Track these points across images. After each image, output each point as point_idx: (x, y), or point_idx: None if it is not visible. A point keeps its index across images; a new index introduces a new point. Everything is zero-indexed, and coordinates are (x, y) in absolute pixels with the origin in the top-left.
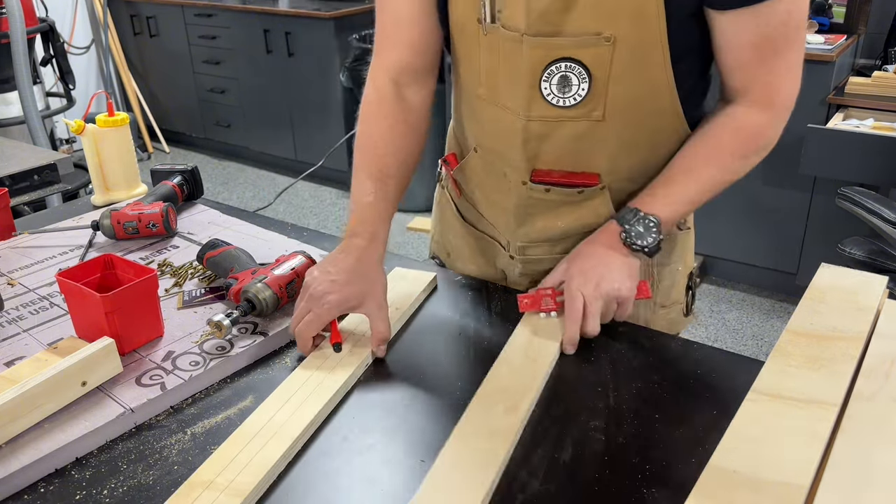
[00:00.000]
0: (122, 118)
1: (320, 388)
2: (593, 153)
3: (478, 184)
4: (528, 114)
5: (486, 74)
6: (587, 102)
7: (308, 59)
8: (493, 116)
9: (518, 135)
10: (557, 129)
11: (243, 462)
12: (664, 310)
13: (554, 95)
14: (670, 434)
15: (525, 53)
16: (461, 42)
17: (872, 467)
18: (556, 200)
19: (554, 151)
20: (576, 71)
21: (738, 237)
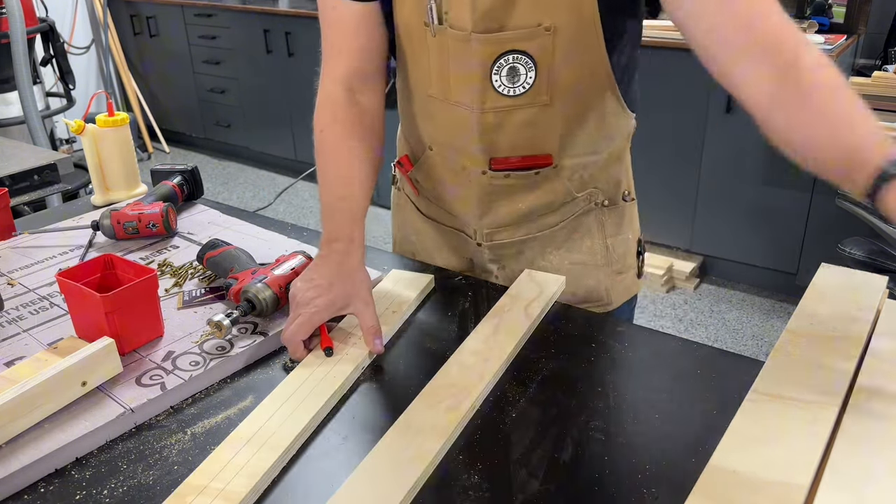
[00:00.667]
0: (122, 118)
1: (316, 392)
2: (544, 136)
3: (438, 180)
4: (482, 106)
5: (437, 74)
6: (534, 89)
7: (308, 59)
8: (447, 113)
9: (474, 127)
10: (509, 117)
11: (237, 467)
12: (620, 276)
13: (504, 86)
14: (670, 434)
15: (474, 50)
16: (409, 45)
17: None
18: (516, 185)
19: (508, 139)
20: (522, 61)
21: (738, 237)
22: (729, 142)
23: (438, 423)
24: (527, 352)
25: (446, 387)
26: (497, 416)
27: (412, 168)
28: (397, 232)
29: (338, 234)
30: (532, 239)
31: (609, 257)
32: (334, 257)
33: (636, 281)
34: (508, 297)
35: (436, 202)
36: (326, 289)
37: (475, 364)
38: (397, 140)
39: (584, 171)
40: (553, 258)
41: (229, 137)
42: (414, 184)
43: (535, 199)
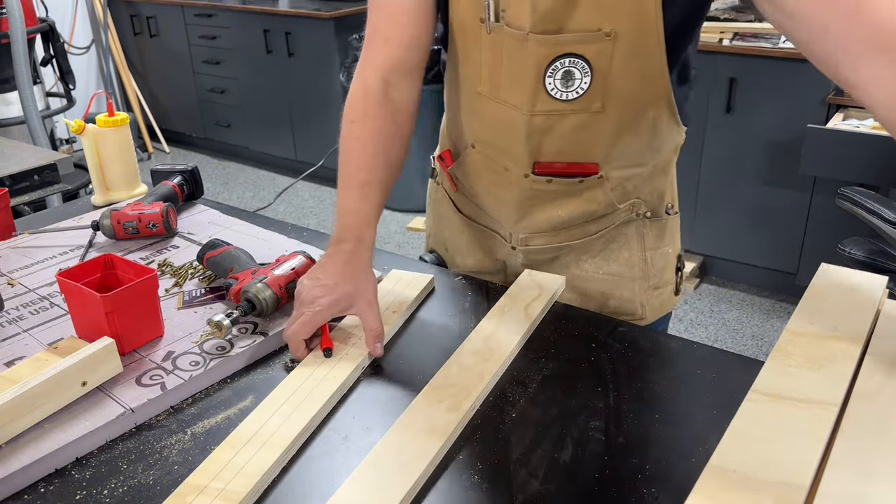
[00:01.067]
0: (122, 118)
1: (316, 392)
2: (592, 143)
3: (477, 179)
4: (532, 109)
5: (488, 72)
6: (588, 95)
7: (308, 59)
8: (495, 113)
9: (521, 129)
10: (559, 121)
11: (237, 467)
12: (657, 291)
13: (557, 90)
14: (670, 434)
15: (530, 50)
16: (462, 40)
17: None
18: (557, 191)
19: (555, 144)
20: (578, 66)
21: (738, 237)
22: (729, 142)
23: (438, 423)
24: (527, 352)
25: (446, 387)
26: (497, 416)
27: (453, 164)
28: (432, 226)
29: (347, 235)
30: (568, 247)
31: (647, 271)
32: (341, 257)
33: (673, 297)
34: (508, 297)
35: (473, 201)
36: (331, 288)
37: (475, 364)
38: (440, 134)
39: (628, 182)
40: (588, 267)
41: (229, 137)
42: (453, 180)
43: (576, 207)
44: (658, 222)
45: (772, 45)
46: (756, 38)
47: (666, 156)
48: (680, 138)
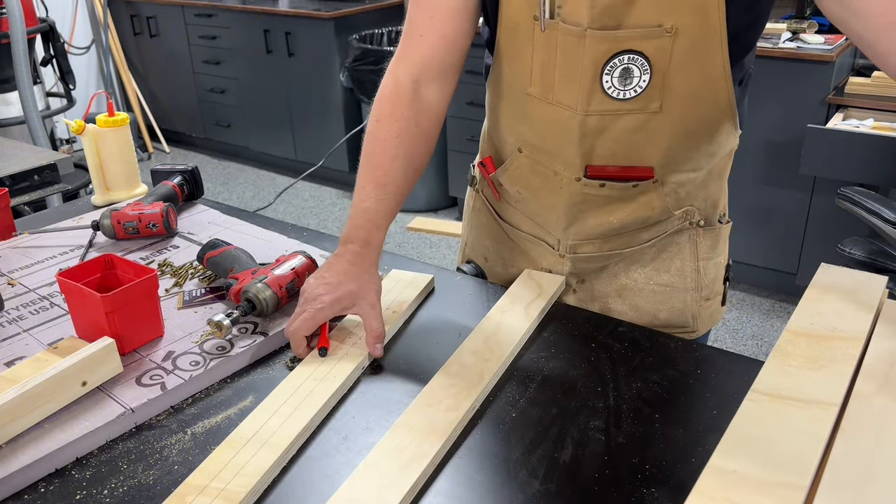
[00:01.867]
0: (122, 118)
1: (316, 392)
2: (648, 146)
3: (524, 185)
4: (586, 108)
5: (540, 72)
6: (646, 94)
7: (308, 59)
8: (546, 114)
9: (574, 131)
10: (614, 122)
11: (237, 467)
12: (708, 302)
13: (615, 88)
14: (670, 434)
15: (588, 47)
16: (511, 40)
17: (872, 467)
18: (610, 196)
19: (609, 146)
20: (638, 63)
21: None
22: None
23: (438, 423)
24: (527, 352)
25: (446, 387)
26: (497, 416)
27: (495, 171)
28: (470, 235)
29: (355, 235)
30: (618, 255)
31: (699, 281)
32: (347, 257)
33: (720, 308)
34: (508, 297)
35: (518, 208)
36: (334, 287)
37: (475, 364)
38: (481, 140)
39: (681, 189)
40: (638, 277)
41: (229, 137)
42: (495, 187)
43: (629, 213)
44: (711, 231)
45: (772, 46)
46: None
47: (721, 161)
48: (735, 142)
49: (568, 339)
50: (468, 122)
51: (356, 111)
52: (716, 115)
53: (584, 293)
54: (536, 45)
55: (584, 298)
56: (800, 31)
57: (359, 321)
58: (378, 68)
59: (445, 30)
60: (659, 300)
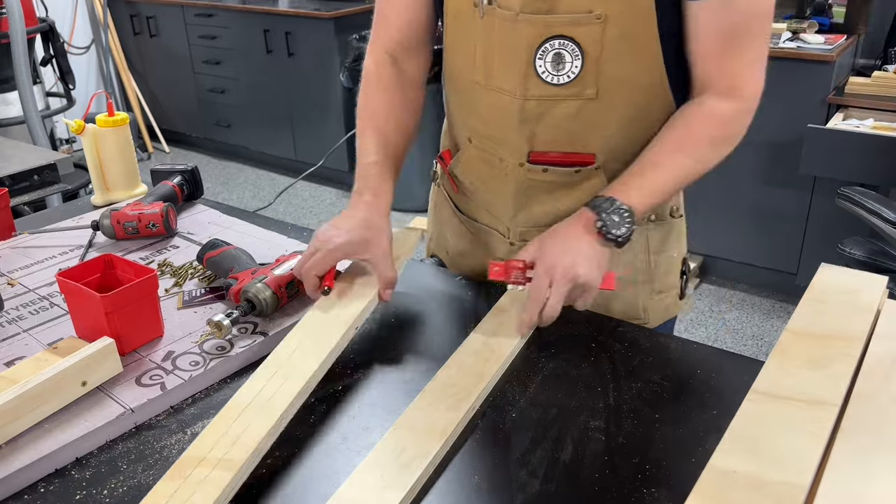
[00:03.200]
0: (122, 118)
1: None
2: (588, 133)
3: (475, 174)
4: (524, 93)
5: (482, 58)
6: (580, 80)
7: (308, 59)
8: (490, 101)
9: (515, 116)
10: (553, 108)
11: (235, 435)
12: (661, 295)
13: (548, 73)
14: (670, 434)
15: (521, 32)
16: (455, 29)
17: (872, 467)
18: (554, 182)
19: (550, 132)
20: (569, 48)
21: (738, 237)
22: None
23: (438, 424)
24: (527, 352)
25: (446, 387)
26: (497, 416)
27: (451, 162)
28: (434, 230)
29: (365, 188)
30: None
31: (650, 275)
32: (361, 207)
33: (677, 302)
34: (508, 297)
35: (473, 198)
36: (347, 231)
37: (475, 364)
38: (442, 136)
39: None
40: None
41: (229, 137)
42: (453, 180)
43: (573, 200)
44: (662, 225)
45: (772, 45)
46: None
47: None
48: None
49: (568, 339)
50: None
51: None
52: (653, 103)
53: None
54: (478, 33)
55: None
56: (800, 30)
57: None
58: None
59: (407, 15)
60: (611, 293)
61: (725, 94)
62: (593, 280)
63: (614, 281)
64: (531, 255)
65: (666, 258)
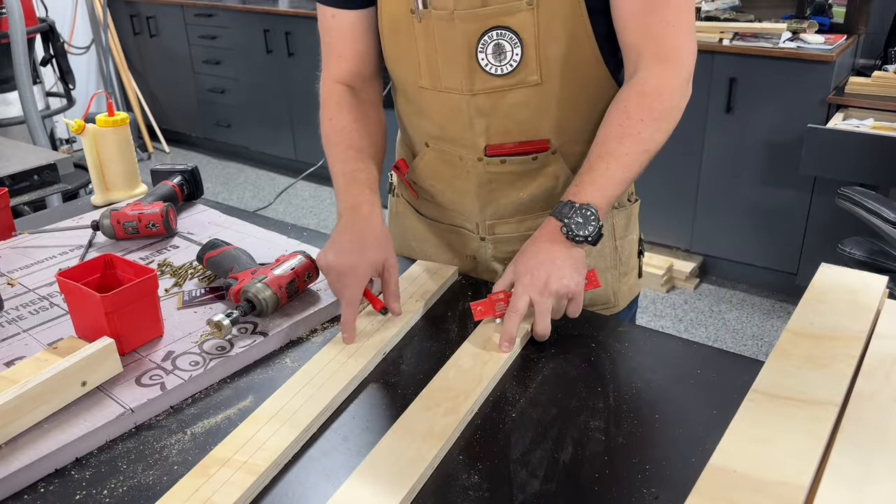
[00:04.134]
0: (122, 118)
1: (336, 377)
2: (539, 119)
3: (436, 177)
4: (471, 88)
5: (426, 63)
6: (522, 67)
7: (308, 59)
8: (439, 103)
9: (465, 112)
10: (501, 100)
11: (259, 442)
12: (625, 277)
13: (491, 64)
14: (670, 434)
15: (458, 28)
16: (395, 39)
17: (872, 467)
18: (514, 171)
19: (502, 123)
20: (507, 38)
21: (738, 237)
22: (728, 142)
23: (437, 427)
24: (527, 352)
25: (444, 390)
26: (497, 416)
27: (408, 170)
28: (396, 241)
29: (359, 199)
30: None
31: (617, 259)
32: (359, 222)
33: (637, 281)
34: None
35: (435, 201)
36: (361, 256)
37: (473, 367)
38: (396, 147)
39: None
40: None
41: (229, 137)
42: (412, 186)
43: (537, 186)
44: (624, 210)
45: (772, 45)
46: (756, 38)
47: None
48: None
49: (568, 339)
50: None
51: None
52: (593, 82)
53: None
54: (418, 38)
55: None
56: (800, 30)
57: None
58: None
59: (357, 46)
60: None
61: (655, 59)
62: (574, 286)
63: (597, 278)
64: (508, 282)
65: (629, 241)
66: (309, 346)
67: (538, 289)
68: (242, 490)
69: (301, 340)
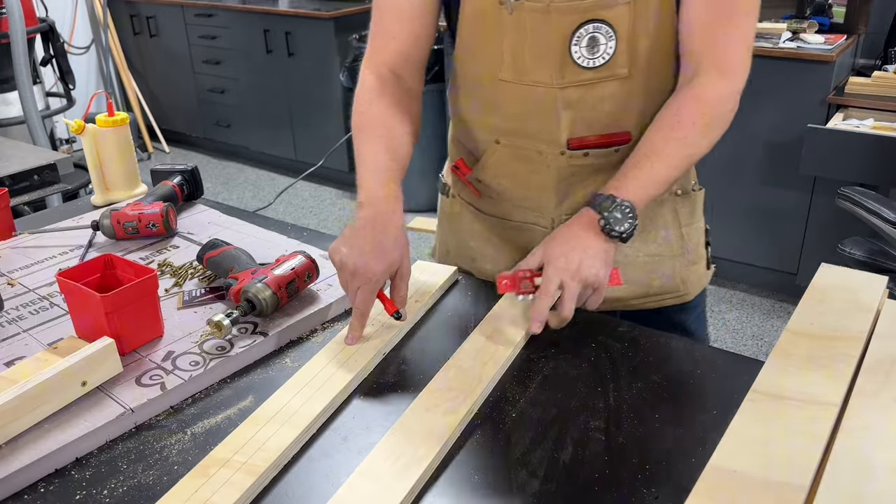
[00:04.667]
0: (122, 118)
1: (336, 377)
2: (624, 111)
3: (508, 174)
4: (560, 81)
5: (511, 55)
6: (614, 60)
7: (308, 59)
8: (521, 97)
9: (551, 106)
10: (590, 92)
11: (259, 443)
12: (695, 266)
13: (584, 57)
14: (670, 434)
15: (553, 21)
16: (478, 30)
17: (872, 467)
18: (594, 164)
19: (588, 116)
20: (602, 31)
21: (738, 237)
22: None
23: (436, 427)
24: (527, 352)
25: (444, 390)
26: (497, 416)
27: (470, 171)
28: (451, 240)
29: (384, 192)
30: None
31: (684, 247)
32: (380, 219)
33: (706, 272)
34: (508, 299)
35: (503, 198)
36: (379, 258)
37: (473, 367)
38: (450, 145)
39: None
40: (628, 251)
41: (229, 137)
42: (473, 185)
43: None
44: (688, 198)
45: (772, 45)
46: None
47: None
48: None
49: (568, 339)
50: None
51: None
52: (672, 75)
53: None
54: (506, 30)
55: None
56: (800, 30)
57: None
58: None
59: (412, 27)
60: (650, 269)
61: (715, 69)
62: (602, 278)
63: (619, 276)
64: (537, 262)
65: (695, 229)
66: (309, 346)
67: (570, 273)
68: (242, 490)
69: (301, 340)
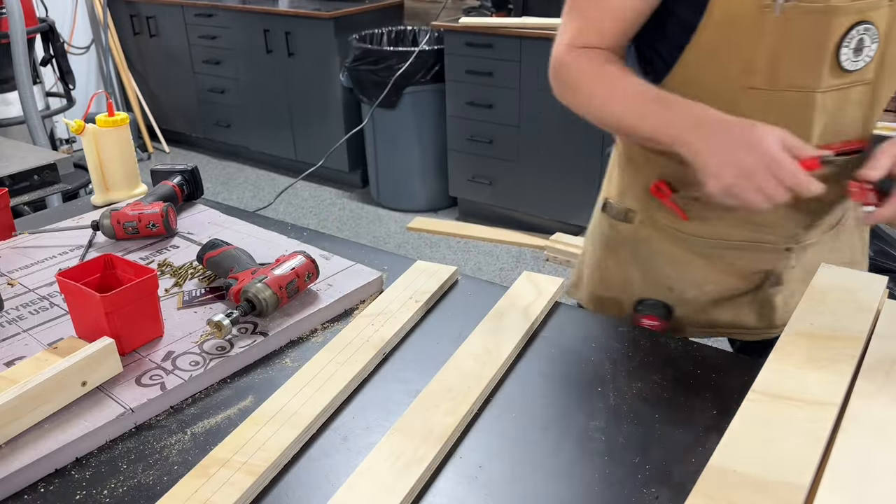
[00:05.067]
0: (122, 118)
1: (336, 377)
2: (865, 117)
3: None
4: (821, 86)
5: (767, 60)
6: (869, 64)
7: (308, 59)
8: (770, 104)
9: (807, 112)
10: (845, 96)
11: (259, 443)
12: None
13: (850, 60)
14: (670, 434)
15: (828, 22)
16: (727, 36)
17: (872, 467)
18: (834, 173)
19: (837, 123)
20: (870, 32)
21: None
22: None
23: (436, 428)
24: (526, 352)
25: (444, 391)
26: (497, 416)
27: (672, 193)
28: (634, 271)
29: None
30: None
31: (865, 253)
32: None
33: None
34: (508, 299)
35: (725, 217)
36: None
37: (473, 368)
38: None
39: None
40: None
41: (229, 137)
42: (678, 206)
43: (841, 188)
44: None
45: None
46: None
47: None
48: None
49: (568, 340)
50: (468, 122)
51: (356, 111)
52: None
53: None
54: (765, 32)
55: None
56: None
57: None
58: (378, 68)
59: (623, 27)
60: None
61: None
62: None
63: None
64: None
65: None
66: (309, 346)
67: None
68: (242, 490)
69: (301, 340)
